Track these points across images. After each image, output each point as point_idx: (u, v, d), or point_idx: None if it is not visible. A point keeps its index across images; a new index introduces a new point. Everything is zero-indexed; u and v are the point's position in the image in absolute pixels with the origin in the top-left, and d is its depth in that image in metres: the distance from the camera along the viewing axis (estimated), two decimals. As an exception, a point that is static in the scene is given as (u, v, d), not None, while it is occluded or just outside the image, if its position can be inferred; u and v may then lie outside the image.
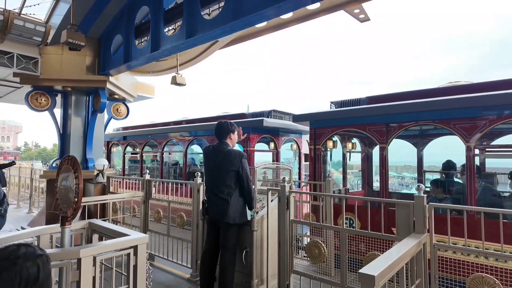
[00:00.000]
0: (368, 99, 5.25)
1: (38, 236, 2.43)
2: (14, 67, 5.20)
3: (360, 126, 4.83)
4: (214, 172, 3.31)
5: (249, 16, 3.52)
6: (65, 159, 2.25)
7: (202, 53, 6.71)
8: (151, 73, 7.09)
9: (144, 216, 4.64)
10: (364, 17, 5.22)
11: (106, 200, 4.54)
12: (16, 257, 0.98)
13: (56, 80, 5.63)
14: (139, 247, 2.15)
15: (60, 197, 2.26)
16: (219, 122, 3.45)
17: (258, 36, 6.26)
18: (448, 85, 4.71)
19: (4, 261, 0.97)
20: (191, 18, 4.16)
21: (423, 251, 2.33)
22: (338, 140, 5.80)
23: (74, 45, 4.28)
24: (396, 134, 4.46)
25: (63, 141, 6.11)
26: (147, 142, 9.23)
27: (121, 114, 6.60)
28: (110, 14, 5.35)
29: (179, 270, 4.20)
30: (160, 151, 8.54)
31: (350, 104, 5.44)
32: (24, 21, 4.74)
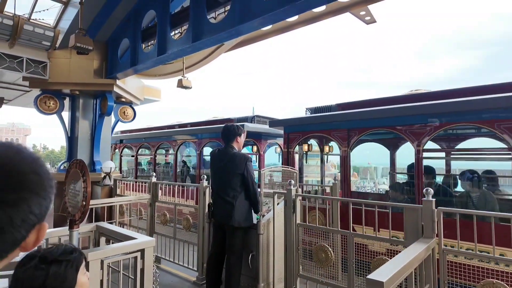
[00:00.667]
0: (337, 106, 5.63)
1: (47, 238, 2.45)
2: (24, 71, 5.27)
3: (327, 131, 5.21)
4: (219, 175, 3.31)
5: (254, 19, 3.53)
6: (73, 163, 2.27)
7: (208, 56, 6.75)
8: (158, 77, 7.14)
9: (150, 219, 4.66)
10: (370, 19, 5.20)
11: (113, 202, 4.57)
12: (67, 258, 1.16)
13: (64, 84, 5.70)
14: (146, 251, 2.15)
15: (69, 201, 2.28)
16: (226, 125, 3.45)
17: (264, 39, 6.27)
18: (409, 93, 5.13)
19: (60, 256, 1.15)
20: (197, 21, 4.19)
21: (432, 256, 2.30)
22: (313, 144, 6.26)
23: (82, 49, 4.34)
24: (357, 139, 4.79)
25: (71, 143, 6.17)
26: (141, 145, 9.94)
27: (128, 117, 6.65)
28: (117, 18, 5.41)
29: (185, 273, 4.20)
30: (153, 154, 9.21)
31: (322, 110, 5.87)
32: (33, 26, 4.82)
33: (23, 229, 0.50)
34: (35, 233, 0.53)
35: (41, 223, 0.53)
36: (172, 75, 7.03)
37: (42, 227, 0.53)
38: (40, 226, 0.53)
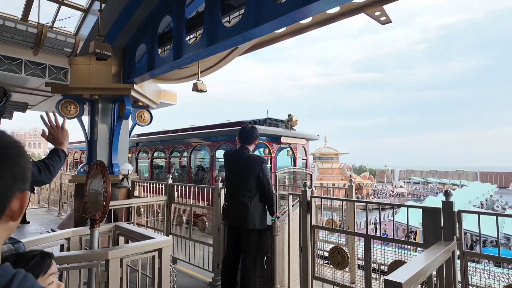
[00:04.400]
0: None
1: (69, 238, 2.53)
2: (46, 77, 5.49)
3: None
4: (234, 177, 3.33)
5: (268, 22, 3.55)
6: (94, 164, 2.35)
7: (222, 60, 6.82)
8: (173, 81, 7.27)
9: (166, 220, 4.73)
10: (386, 19, 5.13)
11: (130, 204, 4.67)
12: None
13: (84, 89, 5.88)
14: (163, 250, 2.20)
15: (89, 201, 2.35)
16: (244, 126, 3.46)
17: (278, 42, 6.29)
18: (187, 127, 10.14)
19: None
20: (212, 26, 4.25)
21: (453, 259, 2.24)
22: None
23: (101, 55, 4.48)
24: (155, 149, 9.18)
25: (90, 147, 6.35)
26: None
27: (145, 120, 6.79)
28: (135, 24, 5.55)
29: (201, 274, 4.24)
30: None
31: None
32: (56, 34, 5.02)
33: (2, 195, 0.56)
34: (17, 201, 0.59)
35: (23, 191, 0.60)
36: (187, 79, 7.14)
37: (24, 195, 0.59)
38: (22, 194, 0.59)
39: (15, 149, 0.60)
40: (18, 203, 0.58)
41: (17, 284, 0.54)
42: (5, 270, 0.56)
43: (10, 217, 0.58)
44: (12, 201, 0.58)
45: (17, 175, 0.58)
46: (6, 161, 0.58)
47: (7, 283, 0.53)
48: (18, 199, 0.58)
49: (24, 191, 0.60)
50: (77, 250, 2.50)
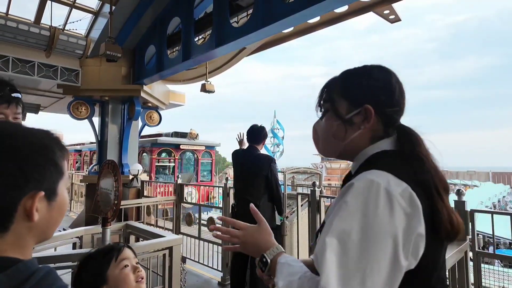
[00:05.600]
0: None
1: (81, 236, 2.58)
2: (58, 79, 5.59)
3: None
4: (242, 176, 3.34)
5: (277, 22, 3.55)
6: (105, 164, 2.39)
7: (230, 61, 6.85)
8: (182, 82, 7.33)
9: (176, 219, 4.77)
10: (395, 17, 5.09)
11: (141, 203, 4.72)
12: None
13: (95, 90, 5.97)
14: (174, 248, 2.22)
15: (101, 200, 2.39)
16: (253, 126, 3.46)
17: (285, 41, 6.29)
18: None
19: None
20: (220, 26, 4.27)
21: (465, 259, 2.21)
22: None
23: (112, 57, 4.54)
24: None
25: (100, 147, 6.45)
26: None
27: (154, 121, 6.86)
28: (144, 26, 5.62)
29: (210, 273, 4.26)
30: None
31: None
32: (68, 36, 5.11)
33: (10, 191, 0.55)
34: (30, 200, 0.57)
35: (36, 191, 0.57)
36: (195, 79, 7.19)
37: (37, 194, 0.57)
38: (35, 193, 0.57)
39: (30, 146, 0.59)
40: (30, 202, 0.57)
41: (36, 281, 0.53)
42: (27, 266, 0.55)
43: (27, 216, 0.57)
44: (23, 201, 0.56)
45: (31, 175, 0.57)
46: (16, 158, 0.56)
47: (25, 279, 0.53)
48: (30, 198, 0.57)
49: (39, 191, 0.57)
50: (89, 248, 2.54)
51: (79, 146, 16.46)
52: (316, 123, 0.93)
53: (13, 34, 4.66)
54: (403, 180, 0.70)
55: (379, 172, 0.72)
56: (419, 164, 0.75)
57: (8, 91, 1.22)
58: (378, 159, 0.79)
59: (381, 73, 0.86)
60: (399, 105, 0.86)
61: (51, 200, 0.60)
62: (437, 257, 0.75)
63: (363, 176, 0.72)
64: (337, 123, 0.85)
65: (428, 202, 0.70)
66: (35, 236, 0.61)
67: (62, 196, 0.63)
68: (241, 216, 3.30)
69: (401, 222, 0.66)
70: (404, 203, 0.67)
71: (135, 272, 1.29)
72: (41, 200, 0.58)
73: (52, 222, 0.63)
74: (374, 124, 0.83)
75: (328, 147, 0.90)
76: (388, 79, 0.85)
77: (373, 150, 0.82)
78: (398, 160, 0.77)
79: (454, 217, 0.74)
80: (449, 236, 0.74)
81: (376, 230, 0.65)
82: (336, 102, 0.86)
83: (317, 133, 0.93)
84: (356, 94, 0.84)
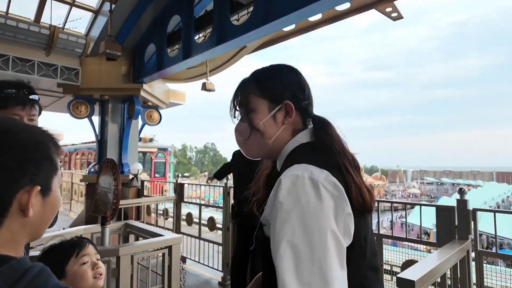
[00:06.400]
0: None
1: (80, 235, 2.56)
2: (58, 78, 5.58)
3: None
4: (243, 174, 3.32)
5: (278, 19, 3.53)
6: (104, 162, 2.37)
7: (231, 59, 6.83)
8: (182, 81, 7.31)
9: (176, 219, 4.75)
10: (397, 15, 5.05)
11: (140, 202, 4.71)
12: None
13: (94, 89, 5.96)
14: (173, 248, 2.20)
15: (100, 198, 2.37)
16: None
17: (286, 40, 6.26)
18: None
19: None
20: (221, 24, 4.25)
21: (467, 258, 2.19)
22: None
23: (112, 55, 4.52)
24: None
25: (100, 146, 6.43)
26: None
27: (154, 120, 6.84)
28: (144, 24, 5.60)
29: (210, 273, 4.24)
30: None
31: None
32: (67, 35, 5.10)
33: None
34: (26, 194, 0.56)
35: (32, 185, 0.57)
36: (196, 78, 7.17)
37: (33, 188, 0.57)
38: (31, 187, 0.57)
39: (27, 140, 0.59)
40: (26, 196, 0.56)
41: (29, 279, 0.53)
42: (20, 263, 0.54)
43: (22, 211, 0.56)
44: (18, 195, 0.56)
45: (27, 168, 0.56)
46: (13, 152, 0.56)
47: (19, 278, 0.52)
48: (27, 192, 0.56)
49: (35, 185, 0.57)
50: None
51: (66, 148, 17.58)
52: (238, 125, 0.96)
53: (13, 33, 4.64)
54: (323, 168, 0.77)
55: (300, 166, 0.79)
56: (330, 149, 0.84)
57: (24, 93, 1.23)
58: (297, 153, 0.86)
59: (290, 71, 0.96)
60: (310, 99, 0.95)
61: (45, 195, 0.60)
62: (365, 230, 0.81)
63: (288, 173, 0.78)
64: (262, 122, 0.90)
65: (343, 181, 0.78)
66: (27, 233, 0.60)
67: (55, 192, 0.62)
68: (241, 216, 3.28)
69: (331, 206, 0.72)
70: (330, 187, 0.74)
71: (94, 268, 1.33)
72: (36, 195, 0.58)
73: (45, 219, 0.62)
74: (295, 118, 0.90)
75: (257, 148, 0.95)
76: (298, 76, 0.95)
77: (293, 145, 0.89)
78: (314, 150, 0.85)
79: (364, 190, 0.81)
80: (364, 209, 0.80)
81: (315, 224, 0.70)
82: (255, 103, 0.91)
83: (241, 135, 0.95)
84: (275, 92, 0.91)
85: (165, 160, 16.38)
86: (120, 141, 6.37)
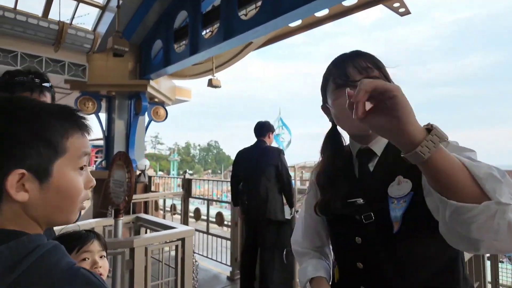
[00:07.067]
0: None
1: (93, 228, 2.57)
2: (66, 74, 5.60)
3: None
4: (251, 170, 3.32)
5: (286, 14, 3.52)
6: (117, 155, 2.37)
7: (237, 55, 6.81)
8: (188, 77, 7.31)
9: (184, 214, 4.77)
10: (405, 10, 5.02)
11: (148, 198, 4.73)
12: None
13: (101, 86, 5.98)
14: (186, 240, 2.20)
15: (113, 191, 2.38)
16: (259, 121, 3.49)
17: (293, 35, 6.24)
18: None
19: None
20: (228, 19, 4.24)
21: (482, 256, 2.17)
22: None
23: (119, 51, 4.53)
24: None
25: (107, 143, 6.46)
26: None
27: (160, 116, 6.85)
28: (151, 20, 5.60)
29: (219, 268, 4.25)
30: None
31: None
32: (76, 30, 5.12)
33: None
34: (13, 178, 0.52)
35: (16, 169, 0.53)
36: (202, 75, 7.16)
37: (15, 172, 0.52)
38: (16, 172, 0.52)
39: (12, 122, 0.54)
40: (10, 180, 0.52)
41: (39, 255, 0.50)
42: (31, 239, 0.52)
43: (9, 195, 0.52)
44: (8, 180, 0.52)
45: (10, 152, 0.52)
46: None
47: (28, 253, 0.49)
48: (14, 176, 0.52)
49: (17, 169, 0.53)
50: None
51: None
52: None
53: (22, 28, 4.67)
54: None
55: None
56: None
57: (31, 79, 1.20)
58: None
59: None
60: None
61: (43, 180, 0.55)
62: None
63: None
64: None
65: None
66: (35, 218, 0.56)
67: (62, 178, 0.57)
68: (251, 209, 3.28)
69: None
70: None
71: (92, 267, 1.25)
72: (30, 179, 0.53)
73: (52, 205, 0.57)
74: None
75: None
76: None
77: None
78: None
79: None
80: None
81: None
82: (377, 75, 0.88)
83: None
84: (382, 65, 0.91)
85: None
86: (127, 137, 6.39)
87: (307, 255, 1.10)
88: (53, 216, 0.58)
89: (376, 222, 0.82)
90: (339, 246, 0.99)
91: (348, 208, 0.87)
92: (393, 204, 0.79)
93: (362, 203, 0.85)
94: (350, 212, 0.86)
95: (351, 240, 0.88)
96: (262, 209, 3.15)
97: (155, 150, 65.87)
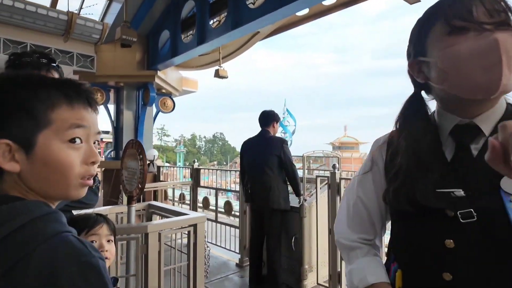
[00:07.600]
0: None
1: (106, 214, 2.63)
2: (74, 65, 5.65)
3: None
4: (255, 159, 3.35)
5: (295, 2, 3.48)
6: (129, 143, 2.41)
7: (244, 45, 6.78)
8: (195, 68, 7.30)
9: (193, 203, 4.84)
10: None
11: (157, 187, 4.80)
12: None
13: (110, 76, 6.02)
14: (198, 226, 2.25)
15: (126, 179, 2.43)
16: (264, 110, 3.50)
17: (299, 25, 6.19)
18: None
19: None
20: (236, 8, 4.21)
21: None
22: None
23: (127, 41, 4.54)
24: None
25: (116, 133, 6.53)
26: None
27: (168, 107, 6.89)
28: (158, 10, 5.59)
29: (228, 256, 4.33)
30: None
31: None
32: (85, 20, 5.14)
33: None
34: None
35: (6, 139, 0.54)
36: (209, 65, 7.15)
37: (1, 141, 0.53)
38: (1, 140, 0.53)
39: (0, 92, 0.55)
40: (1, 150, 0.53)
41: (27, 221, 0.50)
42: (25, 204, 0.53)
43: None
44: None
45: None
46: None
47: (13, 217, 0.50)
48: (0, 146, 0.53)
49: (4, 139, 0.53)
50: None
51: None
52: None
53: (32, 19, 4.69)
54: None
55: None
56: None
57: (37, 59, 1.21)
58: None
59: None
60: None
61: (28, 151, 0.54)
62: None
63: None
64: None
65: None
66: (33, 189, 0.57)
67: (47, 150, 0.55)
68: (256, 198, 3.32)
69: None
70: None
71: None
72: (17, 150, 0.54)
73: (42, 177, 0.56)
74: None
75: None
76: None
77: None
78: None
79: None
80: None
81: None
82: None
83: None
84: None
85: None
86: (135, 128, 6.45)
87: (357, 249, 0.89)
88: (46, 188, 0.57)
89: (480, 222, 0.65)
90: (414, 248, 0.76)
91: (441, 200, 0.69)
92: (511, 202, 0.61)
93: (462, 196, 0.67)
94: (442, 205, 0.69)
95: (438, 242, 0.70)
96: (266, 198, 3.18)
97: (161, 142, 66.28)
